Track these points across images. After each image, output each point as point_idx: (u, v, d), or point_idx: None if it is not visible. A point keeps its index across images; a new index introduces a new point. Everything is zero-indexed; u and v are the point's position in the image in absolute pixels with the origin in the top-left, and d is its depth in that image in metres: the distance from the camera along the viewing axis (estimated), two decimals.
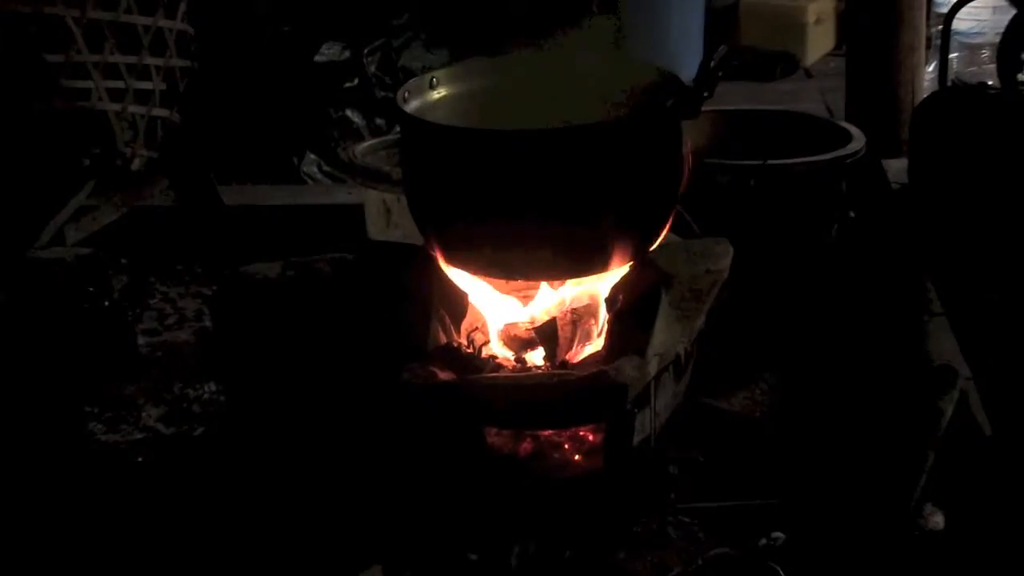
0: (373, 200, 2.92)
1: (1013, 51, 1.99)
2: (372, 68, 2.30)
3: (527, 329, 2.33)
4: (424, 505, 2.29)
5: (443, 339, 2.31)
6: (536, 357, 2.30)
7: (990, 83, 2.84)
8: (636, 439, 2.23)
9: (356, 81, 3.72)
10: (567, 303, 2.35)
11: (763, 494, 2.38)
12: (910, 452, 2.25)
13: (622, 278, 2.32)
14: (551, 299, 2.36)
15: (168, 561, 2.24)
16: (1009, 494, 2.12)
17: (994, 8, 3.35)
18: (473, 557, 2.21)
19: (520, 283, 2.36)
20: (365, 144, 3.09)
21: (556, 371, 2.24)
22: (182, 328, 3.11)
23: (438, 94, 2.38)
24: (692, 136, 2.40)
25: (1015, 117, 2.43)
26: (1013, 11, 2.63)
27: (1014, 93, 2.13)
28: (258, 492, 2.35)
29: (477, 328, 2.37)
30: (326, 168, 3.66)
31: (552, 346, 2.29)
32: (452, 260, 2.33)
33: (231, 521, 2.32)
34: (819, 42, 4.67)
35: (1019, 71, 2.45)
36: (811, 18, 4.61)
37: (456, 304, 2.35)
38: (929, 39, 3.65)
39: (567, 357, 2.30)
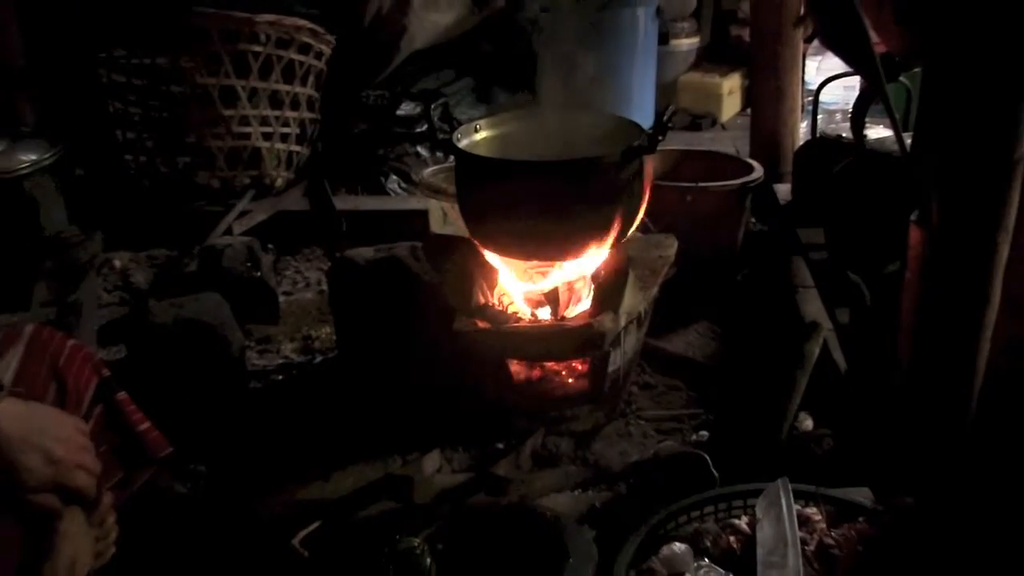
0: (435, 206, 2.88)
1: (860, 115, 1.98)
2: (435, 118, 2.28)
3: (539, 294, 2.29)
4: (467, 410, 2.27)
5: (482, 300, 2.27)
6: (544, 313, 2.26)
7: (844, 136, 2.83)
8: (610, 369, 2.21)
9: (425, 127, 3.70)
10: (566, 276, 2.29)
11: (694, 407, 2.38)
12: (789, 380, 2.22)
13: (603, 260, 2.28)
14: (555, 274, 2.30)
15: (294, 434, 2.27)
16: (855, 407, 2.10)
17: (844, 87, 3.34)
18: (500, 445, 2.20)
19: (534, 263, 2.29)
20: (430, 169, 3.05)
21: (558, 322, 2.21)
22: (308, 290, 3.09)
23: (480, 136, 2.33)
24: (651, 166, 2.38)
25: (860, 159, 2.41)
26: (861, 89, 2.63)
27: (861, 143, 2.14)
28: (355, 399, 2.33)
29: (504, 293, 2.33)
30: (403, 185, 3.64)
31: (555, 305, 2.25)
32: (488, 247, 2.29)
33: (337, 416, 2.32)
34: (731, 106, 4.63)
35: (864, 128, 2.42)
36: (726, 90, 4.57)
37: (490, 276, 2.32)
38: (803, 106, 3.61)
39: (565, 313, 2.26)
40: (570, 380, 2.27)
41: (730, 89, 4.61)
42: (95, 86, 3.49)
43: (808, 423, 2.14)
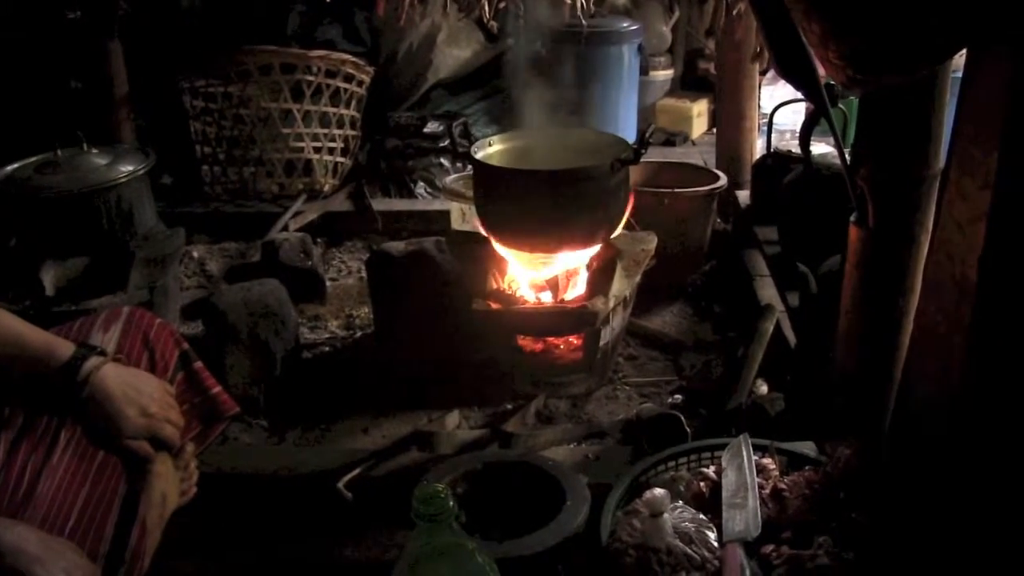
0: (455, 207, 2.87)
1: (807, 134, 1.96)
2: (456, 135, 2.26)
3: (542, 280, 2.28)
4: (482, 376, 2.26)
5: (494, 285, 2.26)
6: (546, 296, 2.25)
7: (793, 151, 2.79)
8: (601, 343, 2.19)
9: (447, 142, 3.67)
10: (564, 266, 2.28)
11: (670, 375, 2.36)
12: (747, 352, 2.21)
13: (596, 252, 2.27)
14: (555, 264, 2.28)
15: (338, 395, 2.26)
16: (802, 375, 2.09)
17: (793, 111, 3.28)
18: (509, 406, 2.19)
19: (537, 254, 2.26)
20: (451, 177, 3.04)
21: (558, 304, 2.20)
22: (350, 277, 3.07)
23: (493, 149, 2.31)
24: (634, 175, 2.36)
25: (807, 170, 2.38)
26: (807, 113, 2.60)
27: (807, 158, 2.11)
28: (389, 367, 2.32)
29: (513, 279, 2.31)
30: (429, 190, 3.61)
31: (555, 290, 2.24)
32: (499, 240, 2.27)
33: (374, 382, 2.30)
34: (699, 126, 4.58)
35: (809, 145, 2.39)
36: (695, 113, 4.52)
37: (501, 265, 2.31)
38: (760, 126, 3.56)
39: (564, 296, 2.25)
40: (567, 352, 2.26)
41: (699, 112, 4.58)
42: (179, 110, 3.50)
43: (764, 388, 2.12)
